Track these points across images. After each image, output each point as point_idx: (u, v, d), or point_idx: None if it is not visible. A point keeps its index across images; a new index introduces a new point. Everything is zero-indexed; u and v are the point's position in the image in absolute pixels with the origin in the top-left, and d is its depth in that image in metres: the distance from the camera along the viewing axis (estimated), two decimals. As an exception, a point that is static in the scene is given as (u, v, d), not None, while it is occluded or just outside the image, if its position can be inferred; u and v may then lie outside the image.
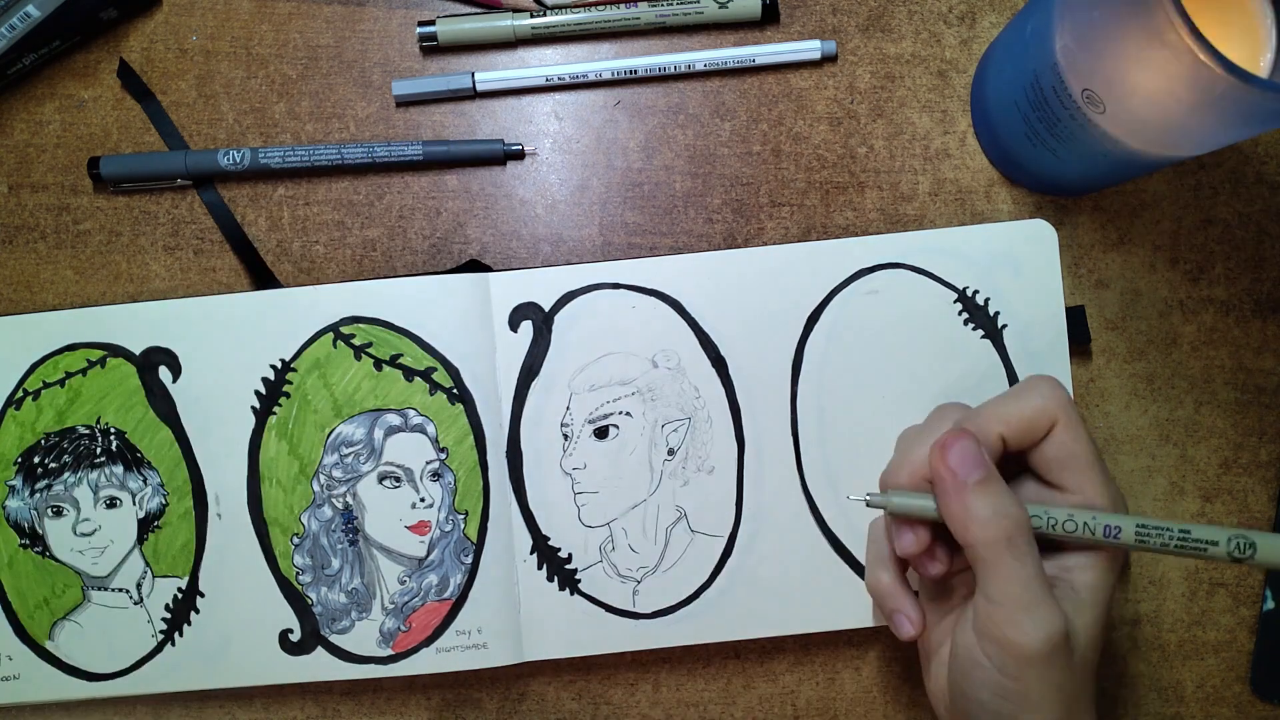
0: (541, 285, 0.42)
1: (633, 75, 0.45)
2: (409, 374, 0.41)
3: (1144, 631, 0.44)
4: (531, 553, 0.42)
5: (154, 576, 0.41)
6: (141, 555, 0.41)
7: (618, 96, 0.46)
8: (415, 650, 0.41)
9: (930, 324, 0.42)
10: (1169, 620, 0.44)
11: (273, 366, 0.41)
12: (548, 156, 0.46)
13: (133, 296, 0.44)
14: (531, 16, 0.45)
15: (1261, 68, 0.36)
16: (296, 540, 0.41)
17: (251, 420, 0.41)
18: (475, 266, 0.43)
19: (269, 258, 0.45)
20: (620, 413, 0.42)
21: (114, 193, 0.45)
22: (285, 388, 0.41)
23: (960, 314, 0.43)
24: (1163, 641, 0.44)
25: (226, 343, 0.42)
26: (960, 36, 0.46)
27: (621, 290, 0.42)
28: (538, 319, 0.42)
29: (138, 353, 0.42)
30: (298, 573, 0.41)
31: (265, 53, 0.46)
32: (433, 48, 0.46)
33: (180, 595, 0.41)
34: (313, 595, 0.41)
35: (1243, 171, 0.45)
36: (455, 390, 0.41)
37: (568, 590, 0.41)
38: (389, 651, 0.41)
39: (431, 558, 0.41)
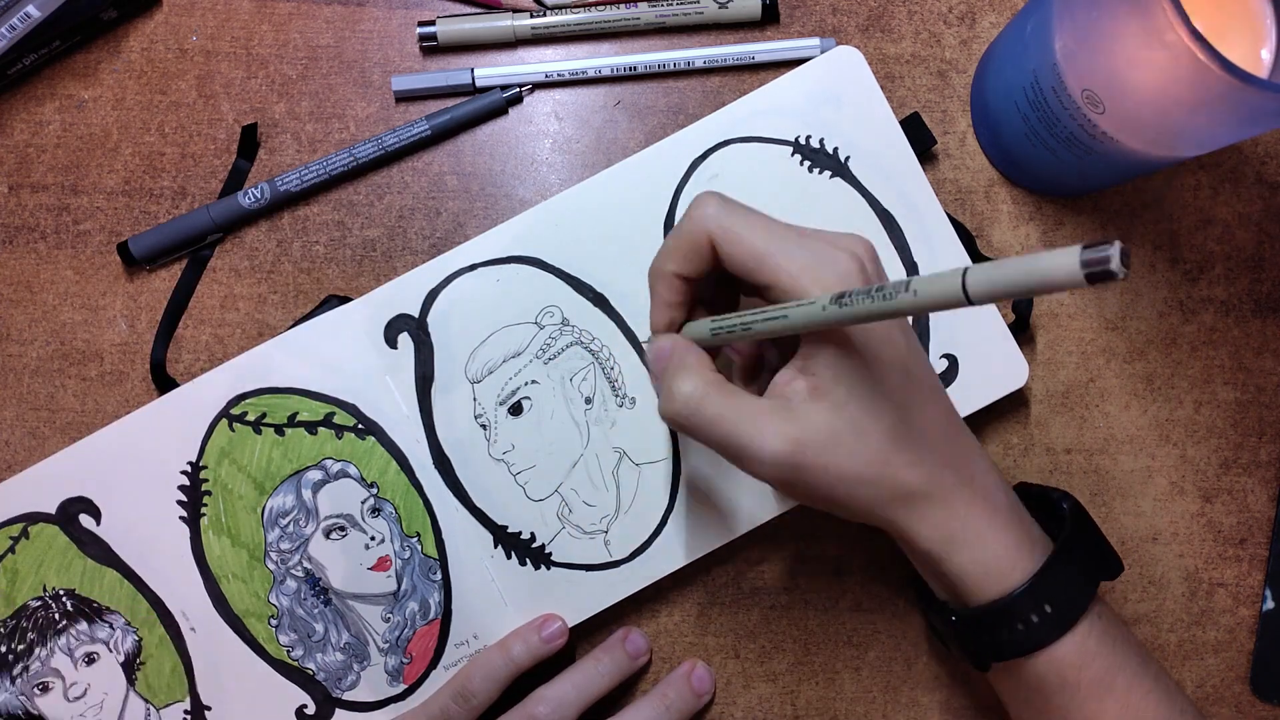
0: (403, 294, 0.42)
1: (632, 72, 0.45)
2: (311, 428, 0.41)
3: (1144, 631, 0.44)
4: (496, 546, 0.41)
5: (158, 710, 0.41)
6: (139, 695, 0.41)
7: (618, 96, 0.46)
8: (425, 676, 0.41)
9: (779, 184, 0.43)
10: (1169, 620, 0.44)
11: (184, 472, 0.41)
12: (548, 156, 0.46)
13: (132, 296, 0.44)
14: (531, 17, 0.45)
15: (1261, 67, 0.36)
16: (274, 621, 0.41)
17: (186, 529, 0.41)
18: (335, 301, 0.43)
19: (269, 258, 0.45)
20: (526, 384, 0.42)
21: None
22: (204, 486, 0.41)
23: (802, 163, 0.43)
24: (1162, 641, 0.44)
25: (132, 467, 0.41)
26: (960, 36, 0.46)
27: (479, 269, 0.42)
28: (412, 328, 0.42)
29: (53, 511, 0.41)
30: (288, 650, 0.41)
31: (265, 53, 0.46)
32: (433, 48, 0.46)
33: (188, 717, 0.41)
34: (311, 665, 0.41)
35: (1243, 171, 0.45)
36: (359, 426, 0.41)
37: (543, 567, 0.41)
38: (402, 687, 0.41)
39: (404, 587, 0.41)
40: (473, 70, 0.45)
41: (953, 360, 0.42)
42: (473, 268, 0.42)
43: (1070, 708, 0.35)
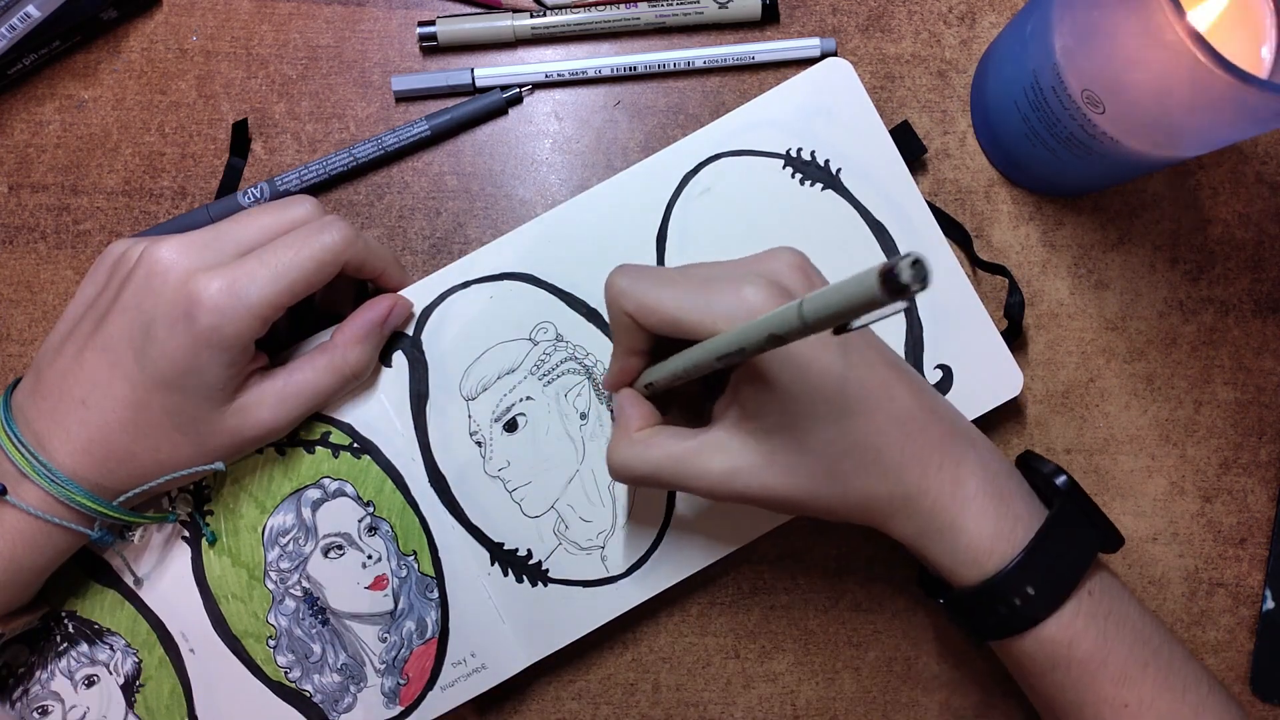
0: None
1: (632, 72, 0.45)
2: (309, 446, 0.41)
3: (1144, 631, 0.44)
4: (493, 563, 0.41)
5: None
6: (138, 718, 0.40)
7: (618, 96, 0.46)
8: (423, 697, 0.41)
9: (770, 197, 0.42)
10: (1169, 620, 0.44)
11: (187, 492, 0.41)
12: (548, 156, 0.46)
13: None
14: (531, 17, 0.45)
15: (1261, 67, 0.36)
16: (272, 642, 0.41)
17: (188, 549, 0.41)
18: (324, 321, 0.42)
19: (269, 258, 0.45)
20: (521, 400, 0.42)
21: None
22: (206, 506, 0.41)
23: (794, 176, 0.43)
24: (1163, 641, 0.44)
25: None
26: (960, 36, 0.46)
27: (473, 286, 0.42)
28: (406, 345, 0.42)
29: None
30: (285, 671, 0.41)
31: (265, 53, 0.46)
32: (433, 48, 0.46)
33: None
34: (308, 687, 0.41)
35: (1243, 171, 0.45)
36: (355, 445, 0.41)
37: (540, 584, 0.41)
38: (399, 709, 0.41)
39: (400, 606, 0.41)
40: (473, 70, 0.45)
41: (947, 371, 0.42)
42: (466, 285, 0.42)
43: (1065, 684, 0.35)
